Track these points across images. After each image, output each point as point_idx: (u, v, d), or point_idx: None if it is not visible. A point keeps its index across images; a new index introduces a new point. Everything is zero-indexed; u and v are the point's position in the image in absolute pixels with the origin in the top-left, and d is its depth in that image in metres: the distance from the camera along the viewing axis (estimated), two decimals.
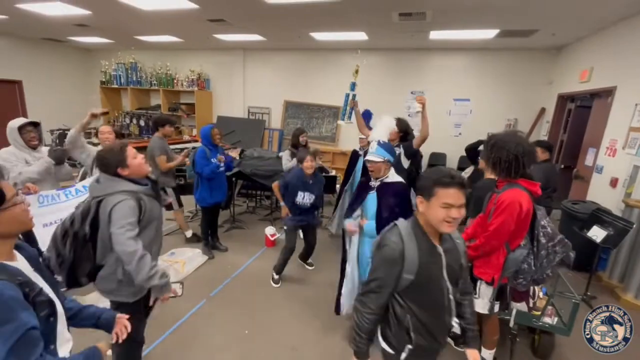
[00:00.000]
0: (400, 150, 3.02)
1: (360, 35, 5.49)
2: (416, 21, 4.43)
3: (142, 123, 7.19)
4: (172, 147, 5.94)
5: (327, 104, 6.99)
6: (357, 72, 3.17)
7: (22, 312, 0.83)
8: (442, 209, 1.16)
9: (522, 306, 2.07)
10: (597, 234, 2.90)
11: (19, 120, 2.46)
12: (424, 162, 6.78)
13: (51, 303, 0.97)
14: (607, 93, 3.97)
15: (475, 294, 1.91)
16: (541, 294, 2.23)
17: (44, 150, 2.56)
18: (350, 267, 2.39)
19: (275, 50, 7.23)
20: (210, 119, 7.76)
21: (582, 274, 3.31)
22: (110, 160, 1.56)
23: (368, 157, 2.09)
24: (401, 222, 1.29)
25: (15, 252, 1.00)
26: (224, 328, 2.57)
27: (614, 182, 3.55)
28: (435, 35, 5.16)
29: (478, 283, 1.91)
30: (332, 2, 3.83)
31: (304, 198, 3.00)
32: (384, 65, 6.71)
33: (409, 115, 2.99)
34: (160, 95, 7.79)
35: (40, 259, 1.09)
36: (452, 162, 6.55)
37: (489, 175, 2.65)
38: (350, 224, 2.34)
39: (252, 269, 3.50)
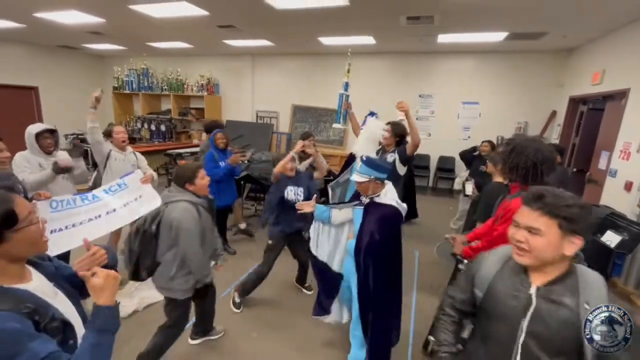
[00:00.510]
0: (394, 156, 2.82)
1: (368, 40, 5.51)
2: (424, 25, 4.44)
3: (153, 127, 7.31)
4: (182, 150, 6.05)
5: (334, 108, 7.01)
6: (349, 71, 3.08)
7: (31, 342, 0.75)
8: (512, 227, 1.01)
9: None
10: (611, 239, 2.84)
11: (37, 127, 2.52)
12: (432, 165, 6.74)
13: (66, 325, 0.89)
14: (620, 95, 3.90)
15: None
16: None
17: (60, 154, 2.62)
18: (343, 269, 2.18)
19: (284, 55, 7.31)
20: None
21: None
22: (183, 175, 1.93)
23: (353, 177, 1.89)
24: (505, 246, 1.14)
25: (31, 270, 0.92)
26: (232, 330, 2.58)
27: (628, 186, 3.48)
28: (443, 38, 5.16)
29: None
30: (339, 7, 3.86)
31: (295, 193, 2.74)
32: (392, 69, 6.72)
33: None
34: (170, 100, 7.93)
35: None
36: (460, 166, 6.48)
37: (498, 179, 2.63)
38: (308, 203, 2.18)
39: None
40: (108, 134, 2.98)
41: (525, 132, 6.02)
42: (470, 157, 4.09)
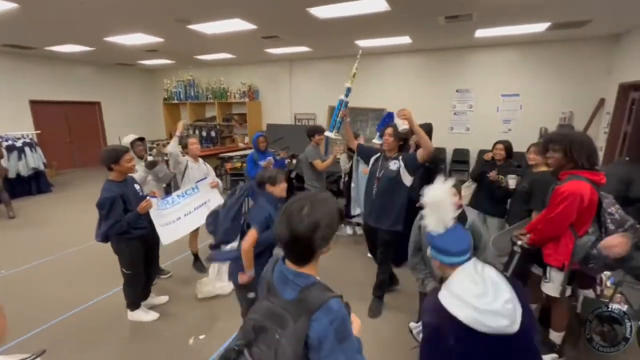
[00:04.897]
0: (399, 164, 2.51)
1: (404, 39, 5.65)
2: (463, 22, 4.53)
3: (204, 134, 7.88)
4: (232, 154, 6.49)
5: (370, 107, 7.20)
6: (354, 75, 2.68)
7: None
8: None
9: (589, 293, 2.13)
10: None
11: (130, 137, 3.04)
12: (472, 160, 6.71)
13: None
14: None
15: (546, 278, 1.95)
16: (609, 283, 2.26)
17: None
18: None
19: (320, 59, 7.61)
20: (260, 127, 8.31)
21: None
22: None
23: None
24: None
25: None
26: None
27: None
28: (481, 33, 5.19)
29: (548, 268, 1.95)
30: (379, 13, 4.07)
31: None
32: (427, 66, 6.79)
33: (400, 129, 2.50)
34: (215, 108, 8.52)
35: None
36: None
37: (542, 168, 2.73)
38: None
39: None
40: (185, 146, 3.35)
41: (571, 122, 5.87)
42: (484, 177, 3.38)
